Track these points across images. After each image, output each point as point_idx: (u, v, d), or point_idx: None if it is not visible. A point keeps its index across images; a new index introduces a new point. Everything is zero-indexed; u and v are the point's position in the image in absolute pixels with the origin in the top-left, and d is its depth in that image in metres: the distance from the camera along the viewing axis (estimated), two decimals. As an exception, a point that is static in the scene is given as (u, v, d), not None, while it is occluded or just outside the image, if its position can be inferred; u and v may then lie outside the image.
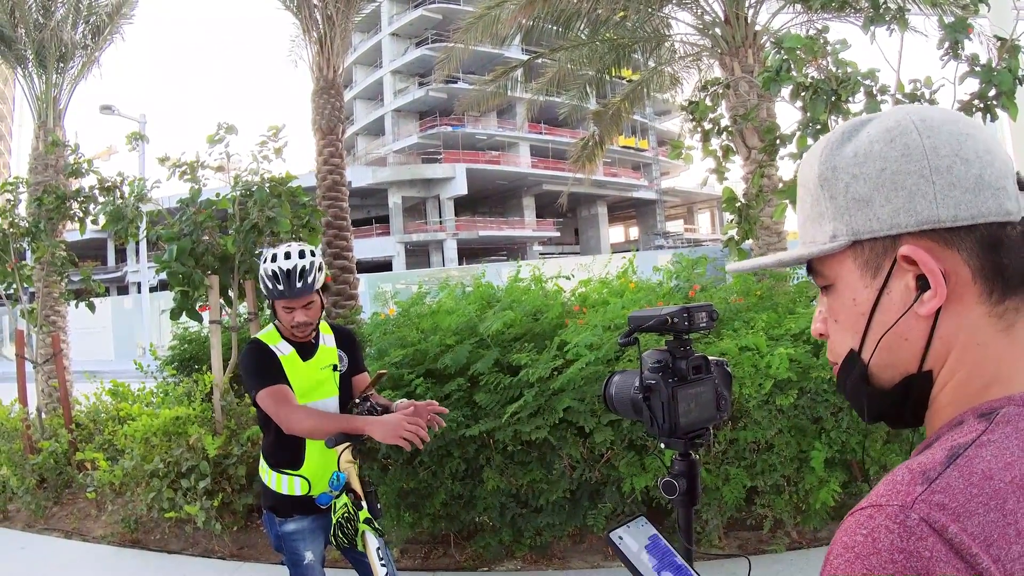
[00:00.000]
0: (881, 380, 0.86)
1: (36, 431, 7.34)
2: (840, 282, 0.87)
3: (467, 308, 5.32)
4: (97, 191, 7.61)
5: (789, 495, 4.68)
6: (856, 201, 0.82)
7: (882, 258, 0.82)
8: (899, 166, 0.79)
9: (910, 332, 0.82)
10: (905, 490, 0.70)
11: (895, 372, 0.85)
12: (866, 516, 0.70)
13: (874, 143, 0.82)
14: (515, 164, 47.60)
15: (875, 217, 0.81)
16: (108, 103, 24.68)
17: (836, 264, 0.87)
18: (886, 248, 0.81)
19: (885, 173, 0.80)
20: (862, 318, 0.85)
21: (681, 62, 13.61)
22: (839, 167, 0.84)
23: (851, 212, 0.83)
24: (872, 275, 0.83)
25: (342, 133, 9.39)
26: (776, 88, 5.29)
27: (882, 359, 0.85)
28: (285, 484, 3.08)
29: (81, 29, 11.01)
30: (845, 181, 0.83)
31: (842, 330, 0.89)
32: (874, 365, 0.86)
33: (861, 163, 0.82)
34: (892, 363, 0.84)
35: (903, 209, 0.79)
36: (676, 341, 1.38)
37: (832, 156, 0.85)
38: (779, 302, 5.49)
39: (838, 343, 0.90)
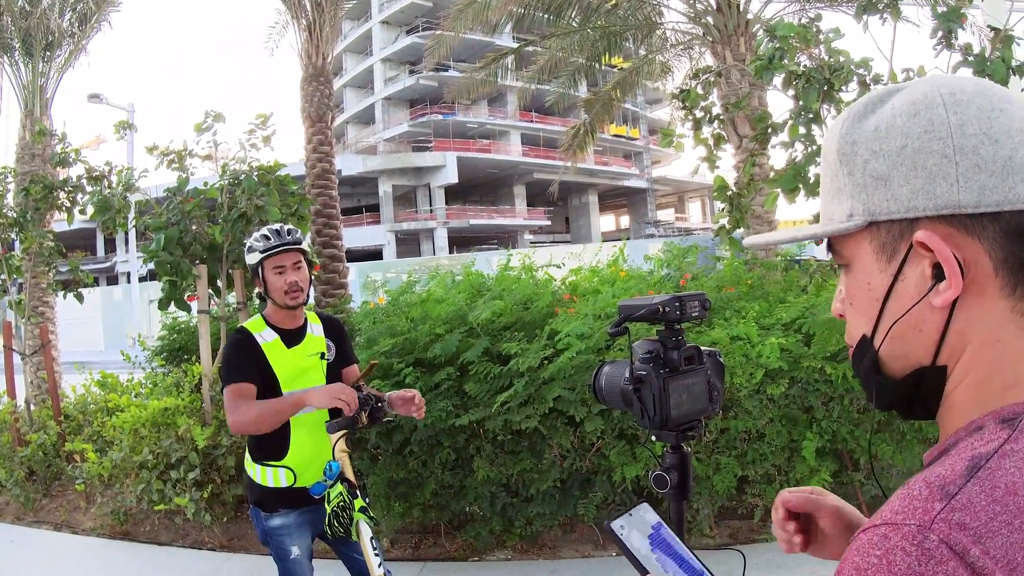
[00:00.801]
0: (892, 369, 0.82)
1: (24, 423, 7.29)
2: (856, 263, 0.83)
3: (457, 297, 5.30)
4: (85, 180, 7.55)
5: (780, 484, 4.68)
6: (874, 179, 0.77)
7: (898, 242, 0.77)
8: (921, 143, 0.74)
9: (924, 323, 0.77)
10: (923, 507, 0.65)
11: (906, 363, 0.80)
12: (880, 535, 0.66)
13: (897, 117, 0.76)
14: (506, 152, 47.49)
15: (892, 198, 0.76)
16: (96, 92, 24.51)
17: (853, 244, 0.82)
18: (903, 231, 0.76)
19: (906, 151, 0.75)
20: (875, 303, 0.81)
21: (672, 50, 13.57)
22: (859, 141, 0.79)
23: (868, 191, 0.78)
24: (887, 259, 0.78)
25: (331, 121, 9.33)
26: (768, 76, 5.27)
27: (893, 348, 0.80)
28: (270, 476, 3.05)
29: (68, 17, 10.89)
30: (864, 157, 0.78)
31: (857, 314, 0.85)
32: (885, 353, 0.81)
33: (882, 138, 0.77)
34: (904, 353, 0.80)
35: (922, 191, 0.74)
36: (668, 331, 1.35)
37: (853, 129, 0.80)
38: (770, 291, 5.49)
39: (853, 327, 0.86)
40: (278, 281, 3.05)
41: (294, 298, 3.06)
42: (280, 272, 3.06)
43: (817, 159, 5.33)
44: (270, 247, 3.04)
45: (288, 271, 3.06)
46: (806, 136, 5.36)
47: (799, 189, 5.32)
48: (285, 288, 3.05)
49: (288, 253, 3.07)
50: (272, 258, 3.05)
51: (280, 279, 3.05)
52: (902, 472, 4.91)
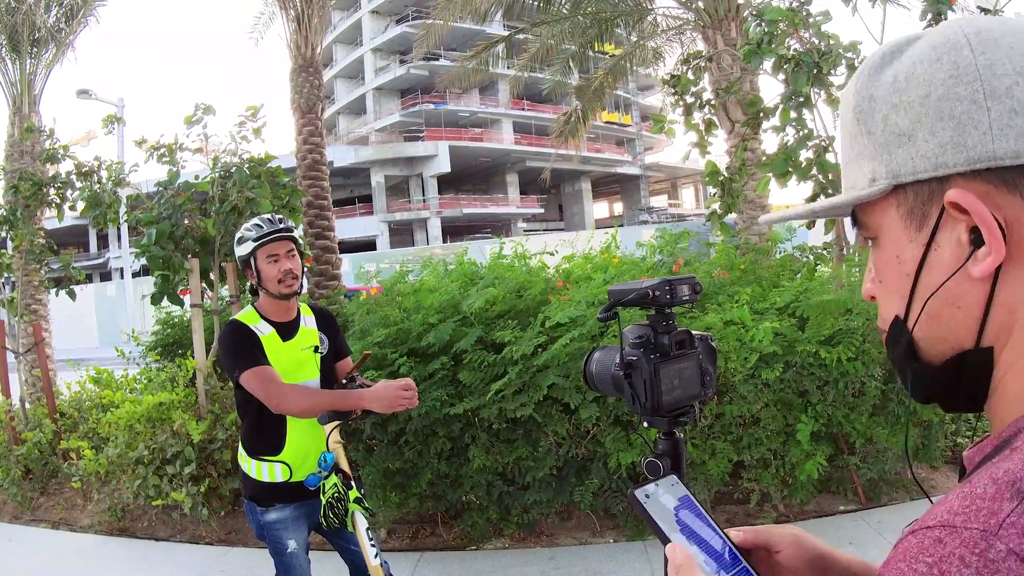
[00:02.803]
0: (929, 355, 0.72)
1: (20, 422, 7.27)
2: (884, 235, 0.73)
3: (450, 286, 5.29)
4: (74, 176, 7.52)
5: (776, 469, 4.69)
6: (896, 136, 0.68)
7: (928, 205, 0.68)
8: (946, 90, 0.65)
9: (963, 298, 0.67)
10: (988, 507, 0.55)
11: (946, 346, 0.70)
12: (934, 539, 0.56)
13: (917, 64, 0.67)
14: (498, 141, 47.42)
15: (919, 154, 0.67)
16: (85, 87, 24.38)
17: (879, 212, 0.73)
18: (932, 193, 0.67)
19: (930, 99, 0.66)
20: (907, 279, 0.71)
21: (664, 36, 13.57)
22: (877, 96, 0.70)
23: (891, 149, 0.69)
24: (917, 226, 0.69)
25: (322, 112, 9.29)
26: (758, 61, 5.26)
27: (930, 329, 0.70)
28: (266, 471, 3.03)
29: (54, 13, 10.82)
30: (883, 112, 0.69)
31: (887, 292, 0.75)
32: (921, 336, 0.71)
33: (902, 89, 0.68)
34: (942, 335, 0.70)
35: (951, 144, 0.65)
36: (658, 315, 1.34)
37: (869, 83, 0.71)
38: (763, 276, 5.49)
39: (885, 308, 0.76)
40: (272, 270, 3.03)
41: (289, 286, 3.04)
42: (274, 260, 3.03)
43: (808, 143, 5.33)
44: (263, 235, 3.01)
45: (282, 259, 3.04)
46: (797, 120, 5.36)
47: (790, 173, 5.31)
48: (279, 276, 3.02)
49: (281, 241, 3.04)
50: (265, 246, 3.02)
51: (274, 267, 3.02)
52: (897, 455, 4.93)
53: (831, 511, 4.98)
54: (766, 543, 0.97)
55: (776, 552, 0.96)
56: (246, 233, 3.07)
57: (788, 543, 0.96)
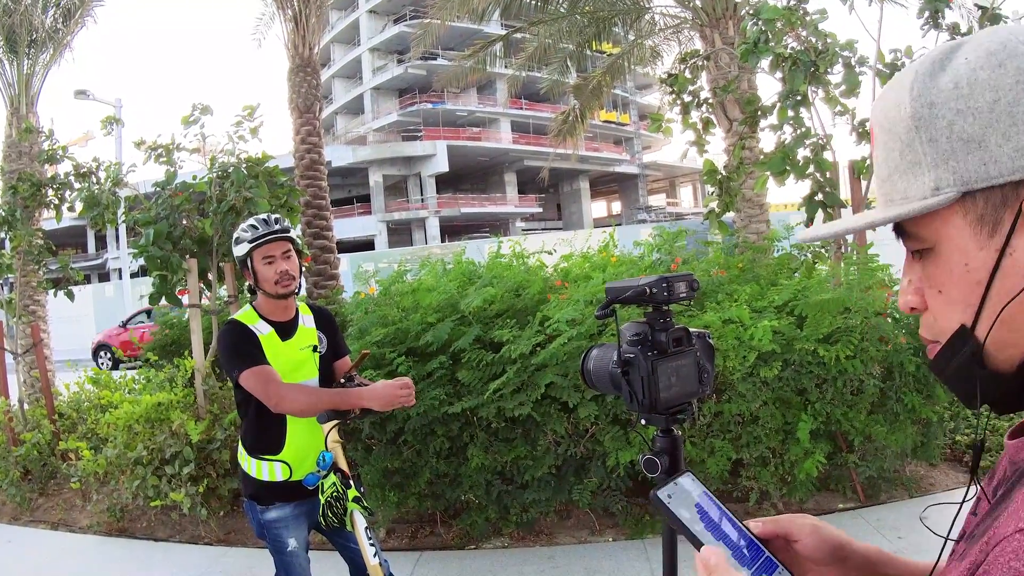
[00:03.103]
0: (998, 360, 0.71)
1: (18, 423, 7.27)
2: (946, 244, 0.72)
3: (448, 285, 5.29)
4: (72, 177, 7.52)
5: (774, 467, 4.70)
6: (964, 142, 0.67)
7: (1001, 211, 0.67)
8: (1016, 95, 0.65)
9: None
10: None
11: (1017, 351, 0.70)
12: None
13: (977, 70, 0.67)
14: (496, 140, 47.42)
15: (992, 160, 0.66)
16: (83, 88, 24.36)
17: (939, 223, 0.71)
18: (1006, 198, 0.67)
19: (999, 105, 0.65)
20: (977, 287, 0.70)
21: (661, 35, 13.56)
22: (937, 102, 0.69)
23: (958, 157, 0.68)
24: (989, 233, 0.68)
25: (319, 111, 9.30)
26: (755, 60, 5.27)
27: (1002, 336, 0.70)
28: (265, 470, 3.03)
29: (52, 13, 10.81)
30: (948, 118, 0.68)
31: (949, 303, 0.73)
32: (993, 343, 0.70)
33: (966, 95, 0.67)
34: (1016, 341, 0.69)
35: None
36: (656, 312, 1.34)
37: (926, 90, 0.70)
38: (761, 274, 5.49)
39: (943, 318, 0.75)
40: (268, 271, 3.02)
41: (285, 286, 3.02)
42: (270, 262, 3.02)
43: (806, 141, 5.33)
44: (258, 236, 3.00)
45: (278, 260, 3.02)
46: (795, 119, 5.36)
47: (788, 172, 5.32)
48: (276, 277, 3.01)
49: (277, 242, 3.03)
50: (261, 247, 3.01)
51: (270, 269, 3.01)
52: (896, 453, 4.93)
53: (830, 509, 4.98)
54: (785, 533, 0.99)
55: (795, 542, 0.98)
56: (242, 234, 3.06)
57: (807, 533, 0.98)
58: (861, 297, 4.61)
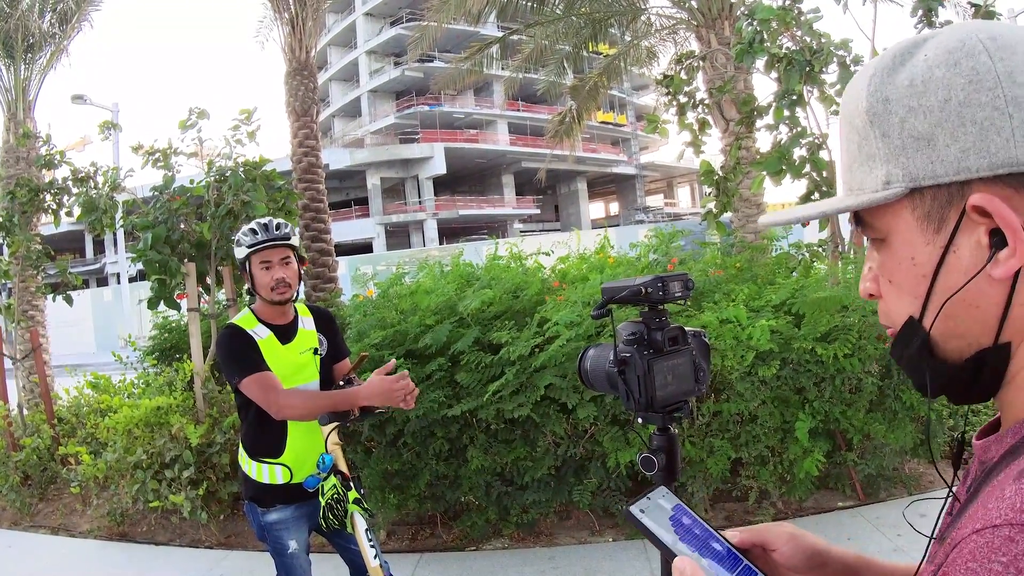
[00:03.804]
0: (946, 352, 0.73)
1: (18, 428, 7.27)
2: (895, 237, 0.73)
3: (446, 287, 5.29)
4: (70, 182, 7.52)
5: (774, 466, 4.70)
6: (914, 140, 0.69)
7: (947, 208, 0.68)
8: (967, 96, 0.66)
9: (982, 298, 0.68)
10: None
11: (963, 344, 0.72)
12: (1004, 538, 0.56)
13: (934, 68, 0.68)
14: (493, 142, 47.42)
15: (938, 159, 0.67)
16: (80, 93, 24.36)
17: (890, 215, 0.73)
18: (952, 196, 0.68)
19: (950, 105, 0.66)
20: (923, 280, 0.71)
21: (657, 35, 13.57)
22: (892, 98, 0.70)
23: (908, 153, 0.69)
24: (935, 229, 0.70)
25: (317, 115, 9.31)
26: (750, 60, 5.28)
27: (948, 328, 0.71)
28: (266, 473, 3.03)
29: (48, 18, 10.81)
30: (900, 115, 0.69)
31: (898, 293, 0.75)
32: (938, 335, 0.72)
33: (919, 93, 0.68)
34: (960, 333, 0.71)
35: (973, 149, 0.65)
36: (651, 312, 1.35)
37: (883, 85, 0.71)
38: (759, 274, 5.50)
39: (893, 307, 0.77)
40: (264, 277, 3.01)
41: (281, 294, 3.02)
42: (267, 268, 3.01)
43: (802, 141, 5.34)
44: (256, 242, 3.00)
45: (275, 267, 3.02)
46: (790, 118, 5.37)
47: (784, 171, 5.33)
48: (272, 284, 3.00)
49: (275, 248, 3.02)
50: (259, 253, 3.01)
51: (267, 275, 3.01)
52: (894, 451, 4.94)
53: (829, 507, 4.99)
54: (763, 542, 0.98)
55: (772, 550, 0.97)
56: (242, 238, 3.05)
57: (784, 541, 0.97)
58: (858, 295, 4.61)
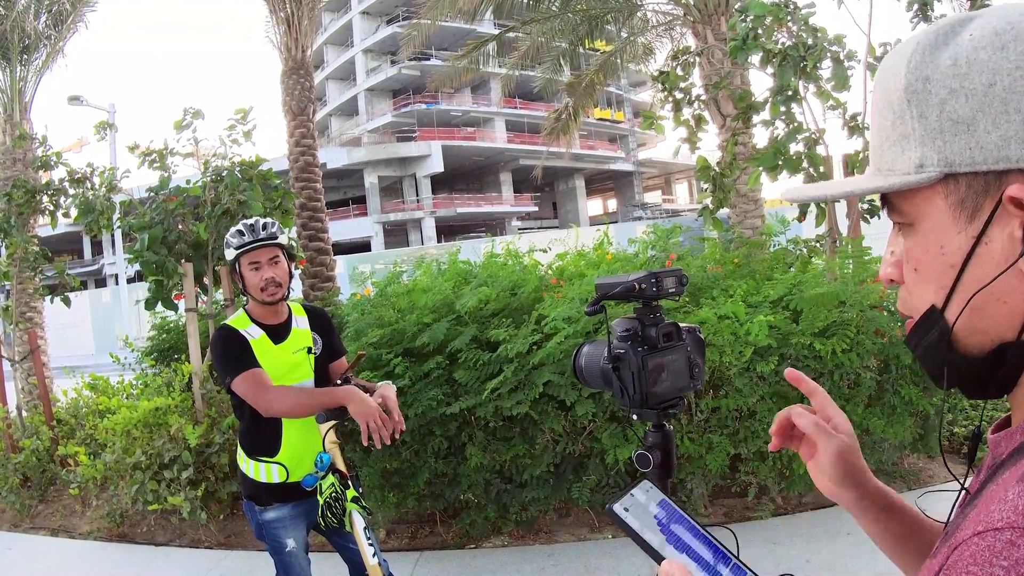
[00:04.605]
0: (967, 345, 0.70)
1: (17, 430, 7.26)
2: (924, 223, 0.71)
3: (443, 286, 5.29)
4: (67, 183, 7.51)
5: (773, 462, 4.70)
6: (954, 123, 0.65)
7: (982, 197, 0.65)
8: (1012, 81, 0.62)
9: (1011, 293, 0.66)
10: None
11: (986, 338, 0.69)
12: (1006, 542, 0.55)
13: (980, 49, 0.64)
14: (491, 140, 47.42)
15: (978, 145, 0.64)
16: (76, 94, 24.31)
17: (920, 200, 0.70)
18: (988, 185, 0.65)
19: (994, 89, 0.63)
20: (951, 270, 0.69)
21: (654, 32, 13.56)
22: (933, 78, 0.67)
23: (946, 137, 0.66)
24: (967, 218, 0.67)
25: (313, 114, 9.29)
26: (744, 56, 5.27)
27: (972, 322, 0.69)
28: (263, 472, 3.04)
29: (44, 19, 10.77)
30: (940, 96, 0.66)
31: (922, 281, 0.73)
32: (961, 328, 0.70)
33: (963, 75, 0.65)
34: (984, 328, 0.69)
35: (1016, 138, 0.62)
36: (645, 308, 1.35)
37: (924, 64, 0.68)
38: (756, 269, 5.50)
39: (916, 295, 0.74)
40: (254, 277, 3.03)
41: (271, 294, 3.03)
42: (256, 268, 3.02)
43: (798, 136, 5.34)
44: (244, 243, 3.01)
45: (264, 267, 3.03)
46: (786, 114, 5.37)
47: (781, 167, 5.33)
48: (261, 284, 3.01)
49: (264, 249, 3.03)
50: (247, 254, 3.02)
51: (256, 275, 3.02)
52: (894, 446, 4.94)
53: (829, 503, 4.98)
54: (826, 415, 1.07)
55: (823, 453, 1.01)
56: (230, 240, 3.06)
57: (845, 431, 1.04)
58: (856, 291, 4.61)
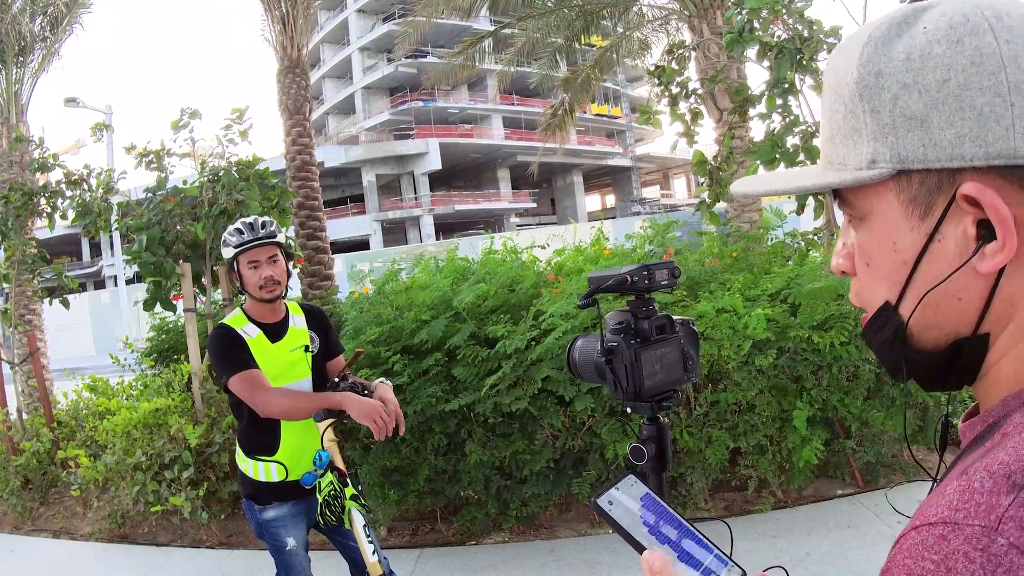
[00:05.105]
0: (922, 341, 0.70)
1: (17, 432, 7.26)
2: (877, 219, 0.70)
3: (441, 282, 5.29)
4: (64, 185, 7.51)
5: (772, 455, 4.71)
6: (907, 119, 0.64)
7: (935, 195, 0.64)
8: (967, 78, 0.61)
9: (965, 290, 0.65)
10: (987, 502, 0.55)
11: (941, 333, 0.69)
12: (938, 536, 0.55)
13: (934, 43, 0.63)
14: (488, 137, 47.35)
15: (931, 142, 0.63)
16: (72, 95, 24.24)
17: (872, 195, 0.69)
18: (941, 183, 0.64)
19: (948, 85, 0.62)
20: (903, 267, 0.68)
21: (650, 26, 13.56)
22: (886, 72, 0.65)
23: (899, 133, 0.64)
24: (920, 215, 0.66)
25: (309, 112, 9.27)
26: (740, 49, 5.26)
27: (926, 318, 0.69)
28: (262, 471, 3.05)
29: (39, 21, 10.76)
30: (893, 91, 0.64)
31: (875, 277, 0.72)
32: (915, 324, 0.69)
33: (916, 69, 0.63)
34: (938, 324, 0.68)
35: (969, 136, 0.61)
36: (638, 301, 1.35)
37: (877, 56, 0.66)
38: (754, 263, 5.50)
39: (868, 290, 0.74)
40: (253, 276, 3.04)
41: (270, 291, 3.04)
42: (255, 266, 3.04)
43: (795, 129, 5.34)
44: (243, 242, 3.02)
45: (263, 265, 3.04)
46: (783, 107, 5.36)
47: (778, 160, 5.32)
48: (260, 283, 3.03)
49: (262, 247, 3.04)
50: (246, 253, 3.03)
51: (255, 274, 3.03)
52: (893, 438, 4.94)
53: (829, 495, 5.00)
54: None
55: None
56: (228, 238, 3.07)
57: None
58: (854, 283, 4.61)
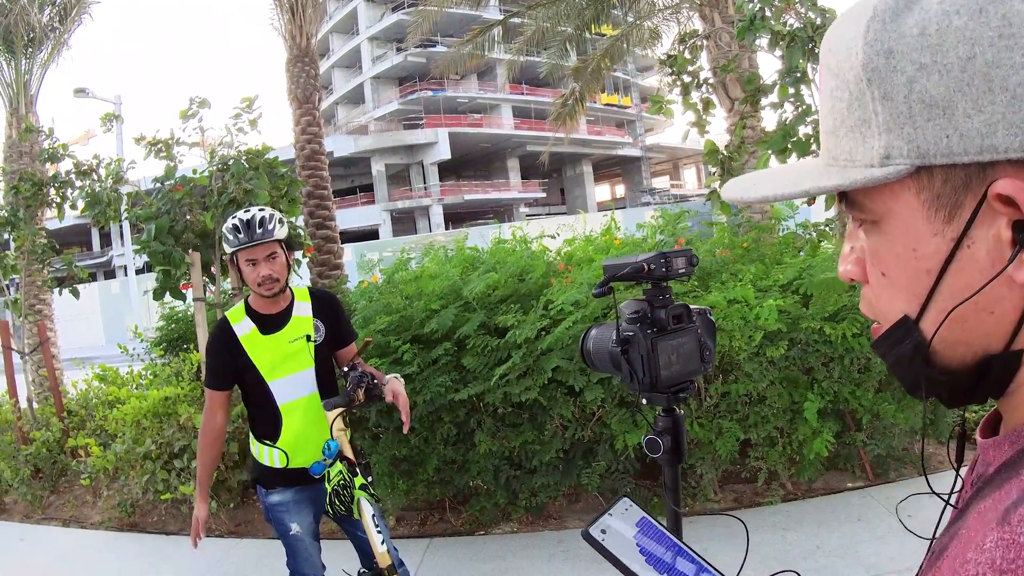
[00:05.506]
0: (946, 359, 0.60)
1: (27, 421, 7.29)
2: (893, 222, 0.59)
3: (451, 272, 5.27)
4: (74, 175, 7.51)
5: (783, 447, 4.68)
6: (926, 106, 0.53)
7: (962, 193, 0.54)
8: (996, 53, 0.50)
9: (999, 303, 0.56)
10: None
11: (968, 350, 0.59)
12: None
13: (952, 15, 0.51)
14: (498, 126, 47.28)
15: (956, 132, 0.52)
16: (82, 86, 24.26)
17: (887, 196, 0.59)
18: (970, 179, 0.54)
19: (974, 63, 0.51)
20: (926, 277, 0.58)
21: (660, 15, 13.48)
22: (898, 51, 0.54)
23: (917, 122, 0.54)
24: (945, 217, 0.56)
25: (319, 101, 9.25)
26: (751, 38, 5.22)
27: (952, 334, 0.59)
28: (267, 455, 3.11)
29: (48, 11, 10.75)
30: (908, 74, 0.54)
31: (892, 288, 0.62)
32: (940, 341, 0.60)
33: (934, 46, 0.52)
34: (966, 340, 0.59)
35: (1003, 123, 0.51)
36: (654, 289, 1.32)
37: (885, 33, 0.55)
38: (766, 253, 5.47)
39: (885, 302, 0.64)
40: (251, 274, 3.03)
41: (268, 289, 3.03)
42: (253, 264, 3.02)
43: (807, 119, 5.29)
44: (240, 243, 2.99)
45: (261, 264, 3.01)
46: (795, 96, 5.32)
47: (789, 150, 5.28)
48: (258, 280, 3.01)
49: (259, 246, 3.02)
50: (244, 251, 3.01)
51: (253, 272, 3.02)
52: (904, 431, 4.91)
53: (839, 488, 4.97)
54: None
55: None
56: (227, 235, 3.05)
57: None
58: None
